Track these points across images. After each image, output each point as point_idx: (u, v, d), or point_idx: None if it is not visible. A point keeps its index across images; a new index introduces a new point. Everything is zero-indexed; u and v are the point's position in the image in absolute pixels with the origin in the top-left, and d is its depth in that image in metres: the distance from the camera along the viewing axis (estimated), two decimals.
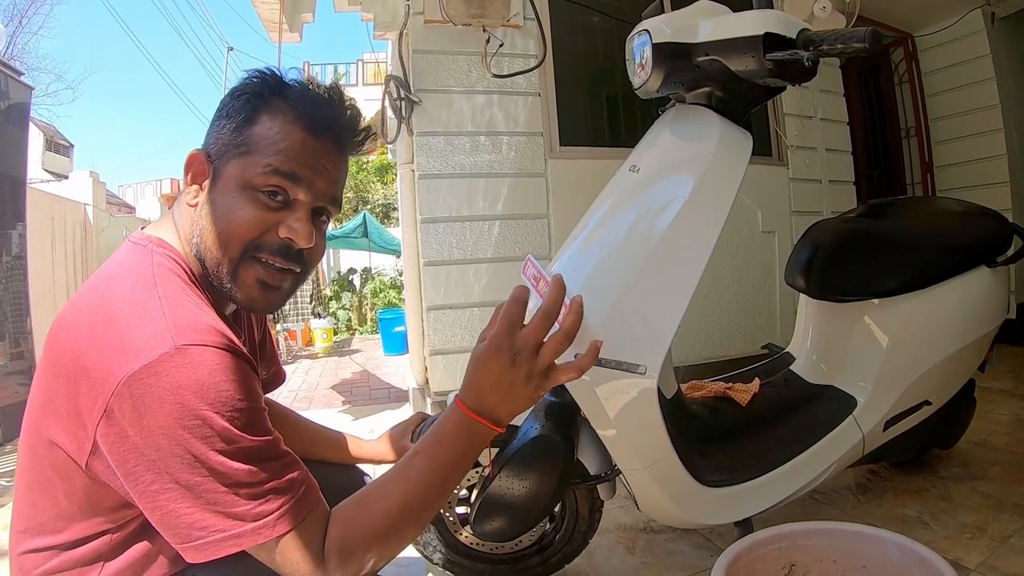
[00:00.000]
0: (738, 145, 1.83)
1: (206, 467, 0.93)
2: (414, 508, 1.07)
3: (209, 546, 0.94)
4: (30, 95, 5.50)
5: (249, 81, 1.13)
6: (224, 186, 1.10)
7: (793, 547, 1.52)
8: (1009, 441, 3.08)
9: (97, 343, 0.96)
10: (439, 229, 3.73)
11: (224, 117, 1.12)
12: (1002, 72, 5.13)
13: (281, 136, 1.09)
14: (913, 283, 2.27)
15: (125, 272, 1.07)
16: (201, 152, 1.12)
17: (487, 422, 1.09)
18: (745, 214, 4.32)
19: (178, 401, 0.91)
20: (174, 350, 0.93)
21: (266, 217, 1.10)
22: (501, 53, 3.75)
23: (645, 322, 1.72)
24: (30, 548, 1.07)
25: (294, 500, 1.00)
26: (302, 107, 1.12)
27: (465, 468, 1.12)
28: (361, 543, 1.03)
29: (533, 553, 2.15)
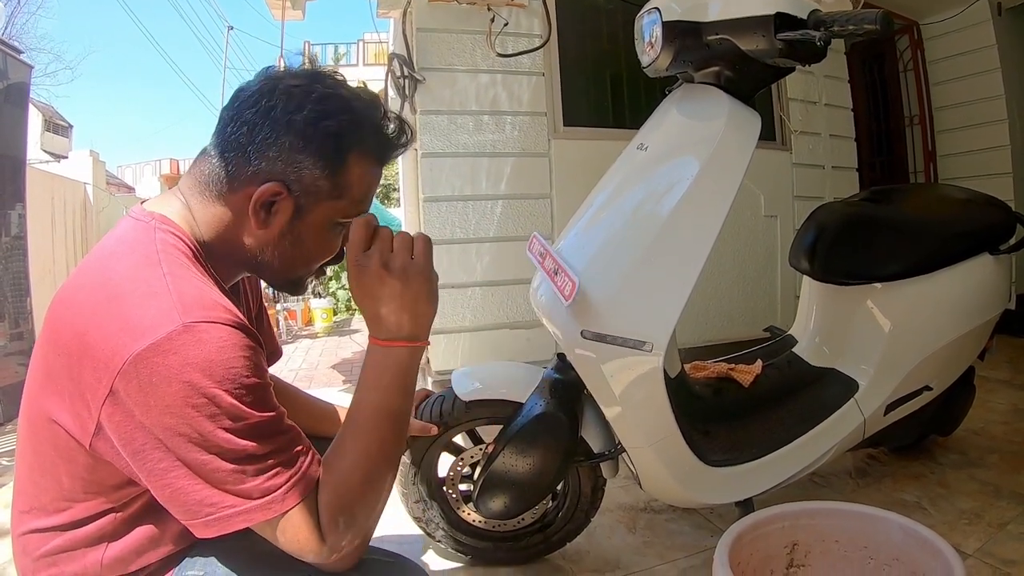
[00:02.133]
0: (747, 124, 1.82)
1: (214, 445, 0.93)
2: (374, 454, 1.07)
3: (219, 522, 0.94)
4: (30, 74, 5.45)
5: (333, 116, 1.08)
6: (314, 224, 1.13)
7: (796, 526, 1.53)
8: (1007, 430, 3.09)
9: (101, 321, 0.95)
10: (442, 208, 3.71)
11: (308, 155, 1.07)
12: (1007, 63, 5.10)
13: (368, 184, 1.15)
14: (917, 268, 2.27)
15: (127, 248, 1.05)
16: (278, 185, 1.07)
17: (403, 343, 1.10)
18: (748, 198, 4.30)
19: (186, 379, 0.91)
20: (181, 328, 0.92)
21: (340, 241, 1.21)
22: (505, 32, 3.73)
23: (652, 300, 1.72)
24: (33, 528, 1.06)
25: (300, 474, 1.00)
26: (381, 151, 1.16)
27: (406, 395, 1.12)
28: (343, 506, 1.03)
29: (535, 531, 2.16)
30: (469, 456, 2.09)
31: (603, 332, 1.70)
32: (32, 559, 1.07)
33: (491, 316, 3.81)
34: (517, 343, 3.81)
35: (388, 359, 1.10)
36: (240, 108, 1.08)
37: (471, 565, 2.19)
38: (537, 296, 1.94)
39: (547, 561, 2.20)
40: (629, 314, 1.71)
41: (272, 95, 1.06)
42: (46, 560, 1.06)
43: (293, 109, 1.05)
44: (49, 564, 1.06)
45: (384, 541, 1.24)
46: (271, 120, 1.05)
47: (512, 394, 1.96)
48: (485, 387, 1.99)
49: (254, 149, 1.06)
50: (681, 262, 1.74)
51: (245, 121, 1.06)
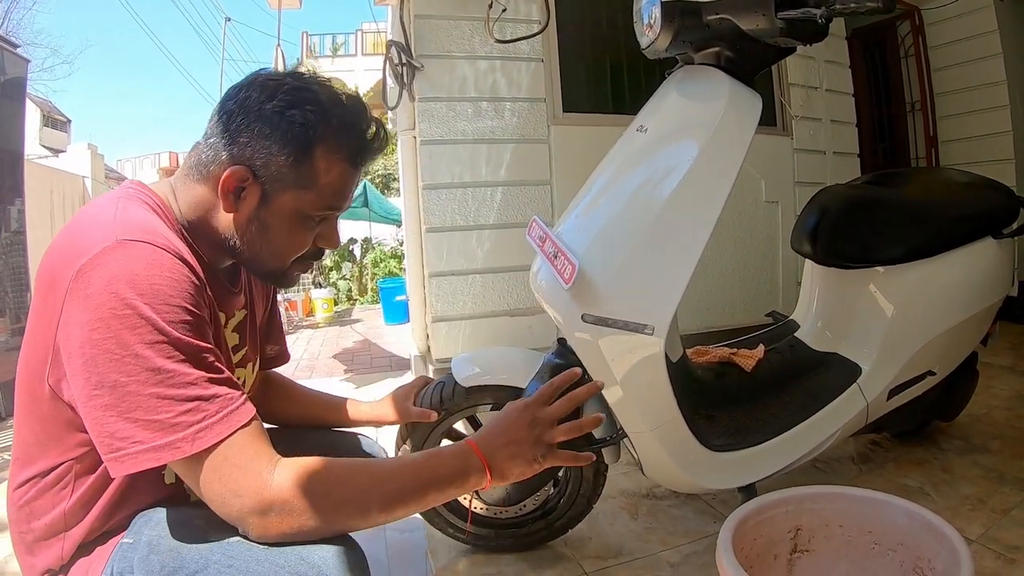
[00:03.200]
0: (748, 105, 1.81)
1: (132, 358, 0.93)
2: (386, 492, 1.07)
3: (128, 458, 0.94)
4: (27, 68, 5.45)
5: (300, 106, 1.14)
6: (279, 211, 1.18)
7: (800, 511, 1.51)
8: (1010, 416, 3.08)
9: (60, 254, 1.02)
10: (441, 195, 3.70)
11: (273, 141, 1.13)
12: (1009, 48, 5.07)
13: (337, 178, 1.19)
14: (919, 251, 2.25)
15: (98, 201, 1.15)
16: (244, 169, 1.14)
17: (484, 460, 1.14)
18: (749, 184, 4.29)
19: (112, 290, 0.94)
20: (115, 243, 0.98)
21: (310, 235, 1.25)
22: (504, 18, 3.70)
23: (653, 283, 1.71)
24: (18, 482, 1.12)
25: (220, 416, 0.98)
26: (353, 147, 1.20)
27: (444, 488, 1.13)
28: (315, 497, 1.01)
29: (537, 518, 2.16)
30: None
31: (604, 315, 1.69)
32: (15, 509, 1.13)
33: (491, 303, 3.80)
34: (518, 330, 3.81)
35: (466, 458, 1.14)
36: (224, 100, 1.17)
37: (473, 552, 2.19)
38: (537, 280, 1.92)
39: (550, 548, 2.19)
40: (630, 297, 1.70)
41: (250, 87, 1.15)
42: (25, 511, 1.11)
43: (265, 99, 1.13)
44: (28, 515, 1.11)
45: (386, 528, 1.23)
46: (245, 109, 1.13)
47: (512, 379, 1.95)
48: (485, 372, 1.98)
49: (229, 136, 1.14)
50: (682, 244, 1.72)
51: (226, 111, 1.15)
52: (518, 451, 1.16)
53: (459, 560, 2.16)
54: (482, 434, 1.18)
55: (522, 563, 2.12)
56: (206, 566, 1.00)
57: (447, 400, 1.97)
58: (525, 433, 1.17)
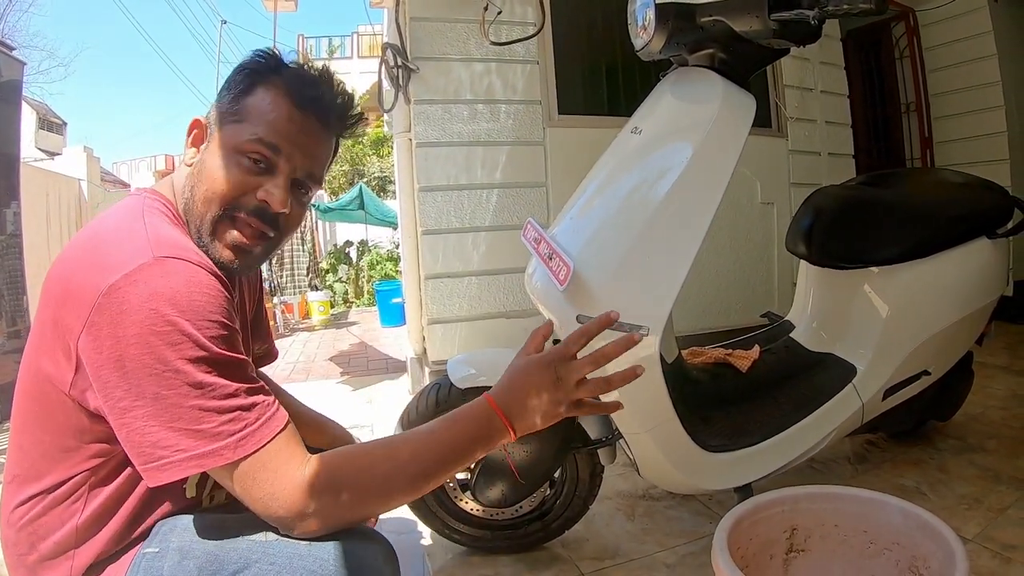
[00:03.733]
0: (741, 107, 1.81)
1: (173, 373, 0.95)
2: (412, 474, 1.09)
3: (171, 466, 0.95)
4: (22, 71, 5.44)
5: (252, 58, 1.20)
6: (216, 148, 1.17)
7: (795, 511, 1.51)
8: (1005, 415, 3.09)
9: (82, 265, 1.01)
10: (437, 198, 3.71)
11: (225, 89, 1.20)
12: (1004, 49, 5.08)
13: (270, 108, 1.17)
14: (914, 251, 2.26)
15: (117, 211, 1.14)
16: (203, 118, 1.21)
17: (505, 421, 1.12)
18: (744, 185, 4.29)
19: (152, 307, 0.94)
20: (152, 260, 0.98)
21: (247, 180, 1.17)
22: (499, 20, 3.71)
23: (647, 283, 1.71)
24: (18, 501, 1.08)
25: (260, 423, 1.01)
26: (293, 84, 1.19)
27: (470, 456, 1.14)
28: (350, 484, 1.04)
29: (534, 519, 2.16)
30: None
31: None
32: (15, 531, 1.08)
33: (487, 305, 3.81)
34: (513, 332, 3.80)
35: (488, 418, 1.13)
36: None
37: (470, 554, 2.19)
38: (532, 282, 1.93)
39: (546, 549, 2.20)
40: (625, 298, 1.70)
41: None
42: (28, 530, 1.07)
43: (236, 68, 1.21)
44: (31, 534, 1.07)
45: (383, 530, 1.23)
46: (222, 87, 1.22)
47: None
48: (481, 374, 1.98)
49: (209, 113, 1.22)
50: (677, 244, 1.73)
51: None
52: (540, 407, 1.14)
53: (456, 561, 2.16)
54: (503, 391, 1.15)
55: (519, 564, 2.12)
56: (247, 566, 1.02)
57: (443, 402, 1.97)
58: (548, 392, 1.14)
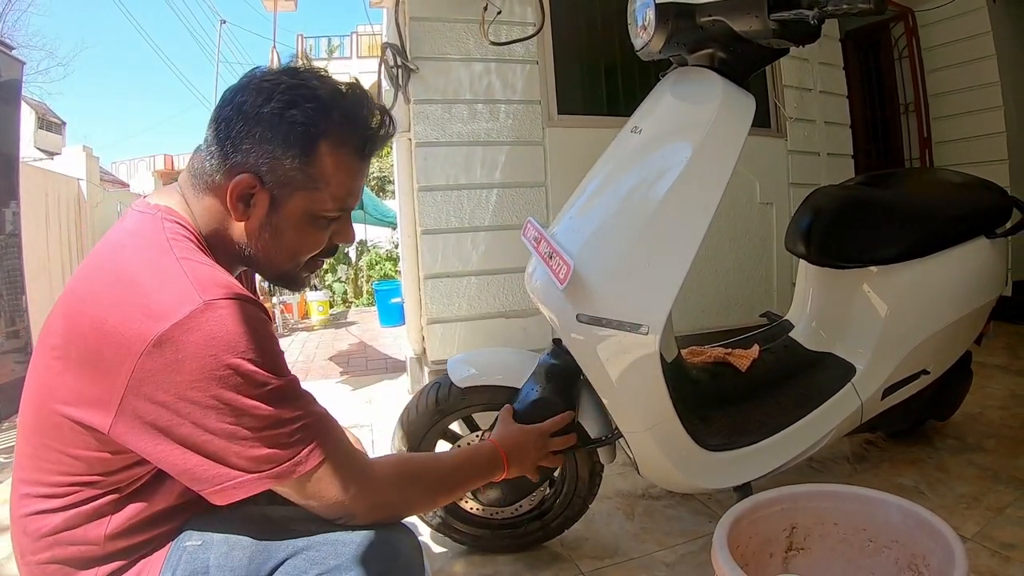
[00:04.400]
0: (741, 107, 1.81)
1: (240, 411, 0.99)
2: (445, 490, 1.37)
3: (244, 484, 1.01)
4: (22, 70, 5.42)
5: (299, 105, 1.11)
6: (291, 215, 1.16)
7: (795, 509, 1.52)
8: (1004, 415, 3.09)
9: (120, 308, 0.98)
10: (436, 197, 3.71)
11: (276, 145, 1.11)
12: (1002, 50, 5.08)
13: (347, 174, 1.17)
14: (913, 251, 2.26)
15: (139, 240, 1.10)
16: (251, 177, 1.11)
17: (505, 461, 1.52)
18: (743, 186, 4.30)
19: (211, 354, 0.96)
20: (203, 305, 0.98)
21: (325, 234, 1.23)
22: (499, 20, 3.71)
23: (647, 282, 1.72)
24: (35, 510, 1.06)
25: (321, 434, 1.08)
26: (358, 140, 1.17)
27: (475, 484, 1.53)
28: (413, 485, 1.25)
29: (533, 518, 2.16)
30: (465, 443, 2.08)
31: (599, 315, 1.70)
32: (32, 540, 1.07)
33: (486, 305, 3.81)
34: (513, 332, 3.81)
35: (494, 464, 1.51)
36: (221, 106, 1.14)
37: (470, 553, 2.19)
38: (532, 281, 1.93)
39: (545, 548, 2.20)
40: (625, 297, 1.70)
41: (245, 91, 1.12)
42: (48, 540, 1.06)
43: (262, 102, 1.10)
44: (51, 544, 1.06)
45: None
46: (243, 115, 1.10)
47: (508, 380, 1.95)
48: (481, 373, 1.99)
49: (230, 143, 1.11)
50: (677, 243, 1.73)
51: (224, 118, 1.12)
52: (526, 460, 1.63)
53: (455, 561, 2.16)
54: (510, 440, 1.61)
55: (518, 564, 2.13)
56: (295, 553, 1.09)
57: (443, 401, 1.97)
58: (535, 451, 1.66)
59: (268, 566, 1.08)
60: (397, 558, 1.13)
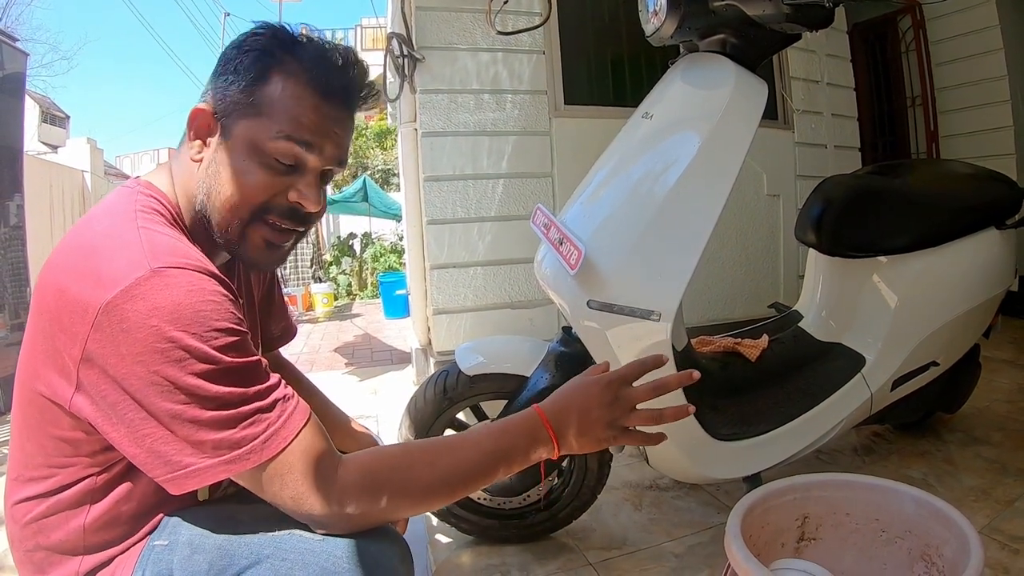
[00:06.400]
0: (753, 92, 1.80)
1: (185, 390, 0.91)
2: (454, 481, 1.08)
3: (197, 474, 0.92)
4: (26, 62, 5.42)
5: (257, 36, 1.09)
6: (234, 147, 1.08)
7: (807, 499, 1.51)
8: (1012, 409, 3.08)
9: (76, 276, 0.94)
10: (442, 187, 3.69)
11: (231, 72, 1.07)
12: (1010, 43, 5.05)
13: (294, 101, 1.08)
14: (923, 241, 2.24)
15: (106, 210, 1.06)
16: (206, 107, 1.09)
17: (554, 437, 1.11)
18: (750, 178, 4.28)
19: (153, 324, 0.89)
20: (149, 272, 0.92)
21: (277, 181, 1.10)
22: (506, 10, 3.67)
23: (659, 268, 1.70)
24: (21, 497, 1.05)
25: (282, 422, 0.97)
26: (316, 70, 1.09)
27: (512, 467, 1.12)
28: (387, 486, 1.03)
29: (541, 508, 2.15)
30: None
31: (610, 301, 1.68)
32: (20, 526, 1.06)
33: (493, 295, 3.79)
34: (519, 322, 3.80)
35: (536, 432, 1.11)
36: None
37: (477, 543, 2.18)
38: (542, 268, 1.91)
39: (553, 539, 2.19)
40: (636, 283, 1.69)
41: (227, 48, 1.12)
42: (33, 527, 1.05)
43: (230, 46, 1.11)
44: (36, 531, 1.05)
45: None
46: (217, 64, 1.11)
47: (516, 368, 1.94)
48: (489, 361, 1.98)
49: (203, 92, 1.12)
50: (689, 229, 1.72)
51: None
52: (590, 430, 1.12)
53: (462, 551, 2.16)
54: (554, 407, 1.14)
55: (526, 554, 2.12)
56: (258, 561, 0.99)
57: (451, 389, 1.96)
58: (601, 413, 1.12)
59: (229, 573, 1.00)
60: (374, 572, 1.01)
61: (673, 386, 1.17)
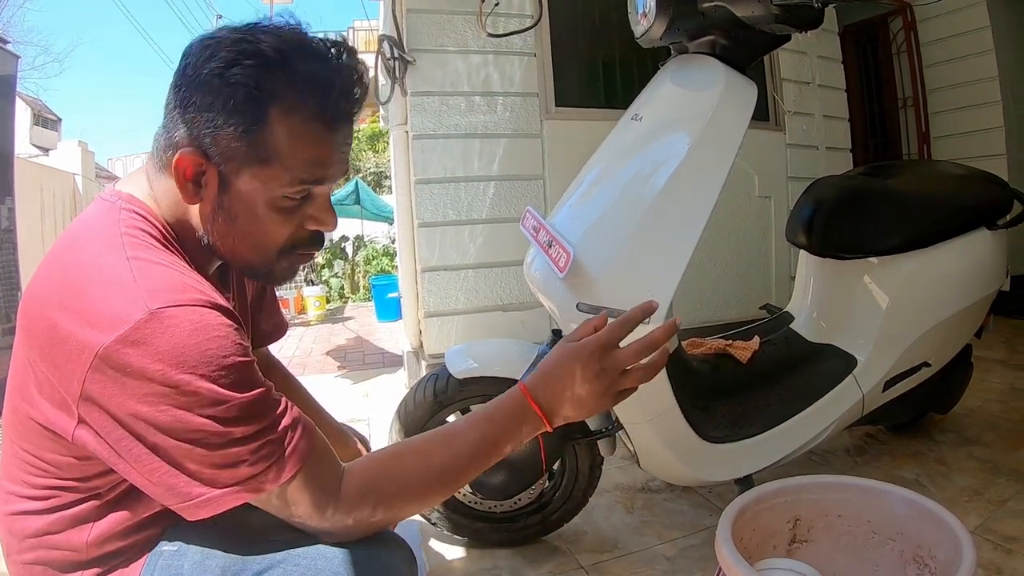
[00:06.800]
0: (743, 93, 1.80)
1: (194, 431, 0.89)
2: (449, 475, 1.07)
3: (209, 503, 0.91)
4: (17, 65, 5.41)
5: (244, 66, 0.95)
6: (243, 197, 1.02)
7: (798, 501, 1.50)
8: (1003, 408, 3.09)
9: (68, 313, 0.91)
10: (434, 190, 3.68)
11: (219, 111, 0.96)
12: (1001, 44, 5.08)
13: (303, 144, 1.00)
14: (914, 242, 2.24)
15: (90, 233, 1.01)
16: (195, 154, 0.98)
17: (544, 416, 1.08)
18: (741, 179, 4.28)
19: (158, 369, 0.87)
20: (148, 315, 0.88)
21: (294, 218, 1.06)
22: (497, 12, 3.67)
23: (648, 270, 1.70)
24: (19, 510, 1.03)
25: (292, 448, 0.96)
26: (317, 99, 1.00)
27: (505, 452, 1.10)
28: (385, 492, 1.03)
29: (532, 511, 2.14)
30: None
31: (599, 304, 1.66)
32: (18, 539, 1.04)
33: (484, 298, 3.79)
34: (511, 325, 3.79)
35: (522, 413, 1.08)
36: (175, 73, 1.00)
37: (468, 547, 2.18)
38: (531, 271, 1.91)
39: (545, 542, 2.18)
40: (625, 285, 1.68)
41: (192, 51, 0.98)
42: (31, 542, 1.03)
43: (203, 62, 0.96)
44: (35, 546, 1.03)
45: None
46: (186, 78, 0.97)
47: (506, 371, 1.93)
48: (479, 364, 1.97)
49: (177, 112, 0.99)
50: (679, 230, 1.71)
51: (172, 84, 1.00)
52: (582, 405, 1.07)
53: (454, 554, 2.15)
54: (540, 384, 1.09)
55: (518, 557, 2.11)
56: (271, 567, 1.00)
57: (441, 392, 1.96)
58: (591, 385, 1.05)
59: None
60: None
61: (661, 340, 1.08)
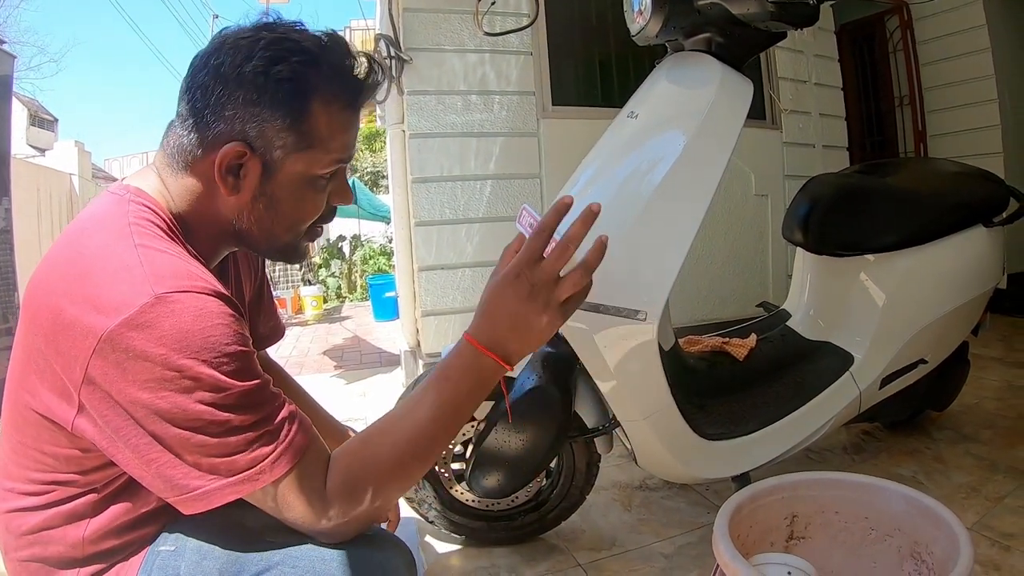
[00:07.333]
0: (739, 91, 1.80)
1: (194, 418, 0.90)
2: (420, 445, 1.06)
3: (205, 496, 0.92)
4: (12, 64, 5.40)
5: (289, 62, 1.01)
6: (288, 180, 1.07)
7: (795, 498, 1.50)
8: (1000, 406, 3.09)
9: (74, 299, 0.92)
10: (430, 189, 3.69)
11: (263, 106, 1.01)
12: (997, 43, 5.08)
13: (340, 128, 1.08)
14: (911, 239, 2.24)
15: (98, 223, 1.02)
16: (239, 145, 1.02)
17: (497, 357, 1.07)
18: (738, 177, 4.29)
19: (161, 353, 0.88)
20: (154, 299, 0.89)
21: (323, 196, 1.14)
22: (493, 11, 3.67)
23: (645, 268, 1.70)
24: (16, 507, 1.03)
25: (287, 443, 0.96)
26: (349, 91, 1.08)
27: (473, 406, 1.11)
28: (365, 479, 1.02)
29: (529, 510, 2.14)
30: (460, 434, 2.06)
31: (595, 301, 1.67)
32: (15, 536, 1.04)
33: None
34: None
35: (476, 362, 1.07)
36: (194, 73, 1.03)
37: (465, 545, 2.18)
38: None
39: (542, 540, 2.18)
40: (622, 283, 1.68)
41: (220, 52, 1.01)
42: (28, 538, 1.03)
43: (242, 61, 0.99)
44: (32, 542, 1.03)
45: None
46: (222, 77, 1.00)
47: None
48: None
49: (210, 111, 1.01)
50: (674, 228, 1.71)
51: (199, 85, 1.02)
52: (530, 330, 1.06)
53: (451, 553, 2.15)
54: (481, 325, 1.08)
55: (515, 556, 2.11)
56: (268, 568, 1.00)
57: None
58: (528, 307, 1.05)
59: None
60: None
61: (581, 233, 1.08)
